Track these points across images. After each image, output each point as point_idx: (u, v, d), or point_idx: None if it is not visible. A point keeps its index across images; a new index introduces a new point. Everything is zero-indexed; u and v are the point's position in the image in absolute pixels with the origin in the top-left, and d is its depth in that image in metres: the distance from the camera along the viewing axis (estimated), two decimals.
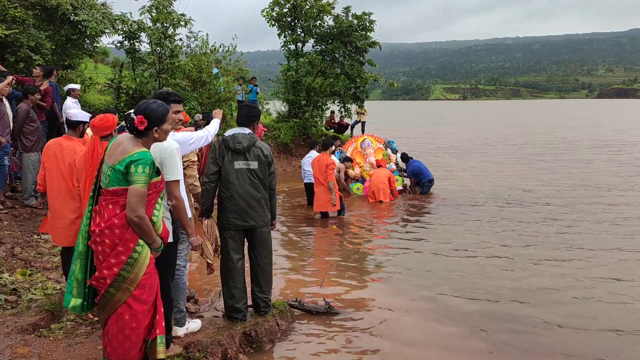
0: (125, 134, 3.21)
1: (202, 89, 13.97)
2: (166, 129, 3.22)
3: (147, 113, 3.10)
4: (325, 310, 5.00)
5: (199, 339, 3.99)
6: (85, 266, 3.19)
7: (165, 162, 3.54)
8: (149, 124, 3.10)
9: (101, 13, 10.95)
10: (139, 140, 3.12)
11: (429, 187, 11.56)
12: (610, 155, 18.85)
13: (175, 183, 3.59)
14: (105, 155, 3.17)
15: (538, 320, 4.96)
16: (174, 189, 3.58)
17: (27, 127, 7.43)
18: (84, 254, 3.19)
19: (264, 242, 4.55)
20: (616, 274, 6.28)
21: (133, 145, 3.08)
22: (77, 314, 3.77)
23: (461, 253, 7.23)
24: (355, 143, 12.58)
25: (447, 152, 20.67)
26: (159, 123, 3.15)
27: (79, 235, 3.22)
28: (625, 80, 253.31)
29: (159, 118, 3.14)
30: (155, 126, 3.13)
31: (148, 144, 3.18)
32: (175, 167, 3.59)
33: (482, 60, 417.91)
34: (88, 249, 3.18)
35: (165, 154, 3.55)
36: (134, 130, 3.10)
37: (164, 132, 3.22)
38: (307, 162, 10.15)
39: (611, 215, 9.33)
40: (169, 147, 3.59)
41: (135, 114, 3.10)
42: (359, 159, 12.22)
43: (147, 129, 3.10)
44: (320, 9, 17.57)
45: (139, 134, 3.11)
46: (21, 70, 9.54)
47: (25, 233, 6.65)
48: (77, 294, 3.19)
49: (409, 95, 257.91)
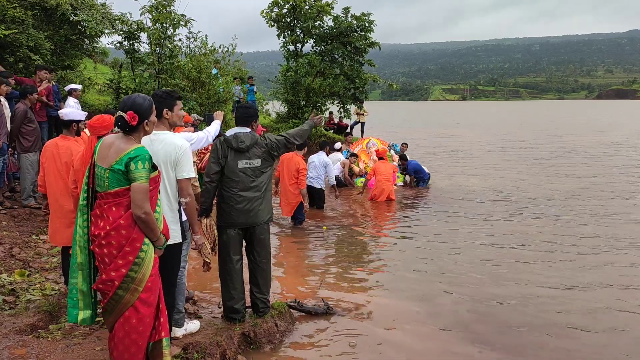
0: (111, 135, 3.21)
1: (201, 89, 13.98)
2: (153, 120, 3.24)
3: (136, 108, 3.10)
4: (324, 311, 4.99)
5: (198, 339, 3.98)
6: (89, 276, 3.15)
7: (181, 160, 3.57)
8: (139, 118, 3.10)
9: (101, 13, 10.96)
10: (130, 137, 3.12)
11: (426, 182, 12.67)
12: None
13: (188, 181, 3.62)
14: (96, 159, 3.13)
15: (540, 324, 4.96)
16: (187, 186, 3.61)
17: (25, 127, 7.41)
18: (85, 264, 3.14)
19: (262, 242, 4.55)
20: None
21: (126, 143, 3.07)
22: (88, 325, 3.69)
23: (460, 253, 7.22)
24: (362, 144, 13.85)
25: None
26: (148, 115, 3.16)
27: (74, 247, 3.15)
28: (624, 81, 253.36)
29: (147, 111, 3.15)
30: (145, 119, 3.14)
31: (139, 138, 3.18)
32: (190, 165, 3.63)
33: (482, 61, 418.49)
34: (89, 258, 3.14)
35: (181, 151, 3.58)
36: (126, 127, 3.09)
37: (152, 124, 3.24)
38: (312, 164, 9.93)
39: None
40: (183, 145, 3.62)
41: (123, 111, 3.09)
42: (364, 157, 13.44)
43: (138, 124, 3.11)
44: (319, 10, 17.56)
45: (130, 130, 3.11)
46: (20, 70, 9.54)
47: (24, 233, 6.64)
48: (84, 306, 3.15)
49: (409, 96, 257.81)
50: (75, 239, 3.15)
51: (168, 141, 3.58)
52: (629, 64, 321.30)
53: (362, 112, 20.31)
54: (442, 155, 19.45)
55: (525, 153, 20.44)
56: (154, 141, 3.53)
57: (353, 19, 17.70)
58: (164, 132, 3.65)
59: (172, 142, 3.57)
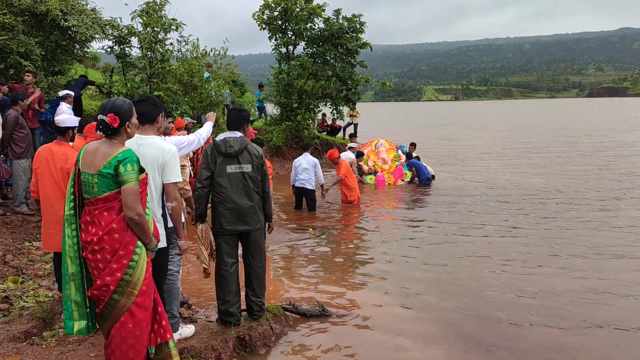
0: (94, 141, 3.21)
1: (193, 93, 13.94)
2: (135, 122, 3.23)
3: (115, 110, 3.09)
4: (319, 313, 5.00)
5: (193, 344, 3.98)
6: (82, 286, 3.12)
7: (168, 164, 3.56)
8: (120, 120, 3.09)
9: (91, 18, 10.90)
10: (115, 141, 3.11)
11: (427, 183, 13.11)
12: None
13: (175, 185, 3.61)
14: (81, 166, 3.12)
15: (541, 324, 4.98)
16: (174, 191, 3.60)
17: (17, 133, 7.39)
18: (77, 274, 3.12)
19: (257, 245, 4.55)
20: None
21: (112, 147, 3.07)
22: (84, 336, 3.66)
23: (459, 255, 7.25)
24: (371, 146, 14.57)
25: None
26: (129, 117, 3.15)
27: (64, 257, 3.12)
28: (615, 79, 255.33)
29: (127, 112, 3.14)
30: (126, 121, 3.13)
31: (123, 142, 3.17)
32: (177, 170, 3.61)
33: (473, 60, 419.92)
34: (81, 268, 3.12)
35: (168, 155, 3.56)
36: (108, 130, 3.08)
37: (134, 126, 3.23)
38: (301, 166, 10.17)
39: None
40: (170, 149, 3.61)
41: (103, 114, 3.08)
42: (373, 156, 14.28)
43: (119, 126, 3.10)
44: (310, 12, 17.58)
45: (113, 133, 3.10)
46: (11, 76, 9.49)
47: (17, 240, 6.61)
48: (79, 316, 3.13)
49: (401, 96, 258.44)
50: (65, 249, 3.12)
51: (155, 145, 3.57)
52: (620, 62, 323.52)
53: (355, 114, 20.34)
54: (445, 157, 19.42)
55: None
56: (142, 145, 3.51)
57: (344, 20, 17.73)
58: (152, 136, 3.65)
59: (159, 146, 3.56)
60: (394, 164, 14.00)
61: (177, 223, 3.71)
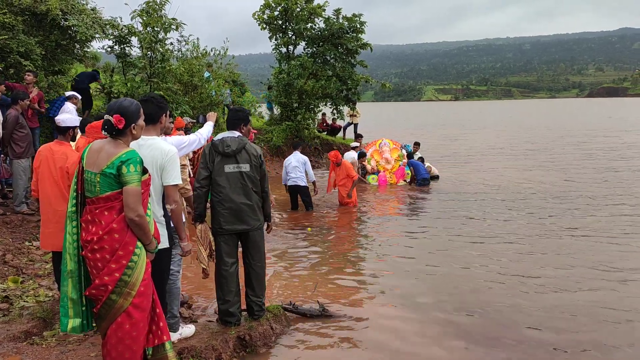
0: (100, 140, 3.20)
1: (193, 92, 13.94)
2: (141, 124, 3.21)
3: (122, 111, 3.08)
4: (319, 313, 5.00)
5: (193, 344, 3.98)
6: (79, 283, 3.12)
7: (167, 166, 3.54)
8: (126, 121, 3.08)
9: (91, 18, 10.90)
10: (119, 141, 3.10)
11: (423, 183, 13.28)
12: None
13: (175, 188, 3.60)
14: (85, 164, 3.11)
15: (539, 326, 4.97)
16: (174, 193, 3.59)
17: (17, 133, 7.39)
18: (75, 271, 3.11)
19: (256, 245, 4.55)
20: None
21: (116, 147, 3.06)
22: (77, 334, 3.64)
23: (459, 255, 7.25)
24: (375, 145, 14.78)
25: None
26: (135, 119, 3.14)
27: (64, 254, 3.12)
28: (615, 79, 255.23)
29: (134, 114, 3.13)
30: (132, 123, 3.12)
31: (127, 143, 3.16)
32: (177, 172, 3.60)
33: (473, 60, 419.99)
34: (79, 265, 3.12)
35: (167, 157, 3.55)
36: (112, 130, 3.07)
37: (140, 128, 3.22)
38: (291, 164, 10.31)
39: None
40: (170, 150, 3.59)
41: (109, 115, 3.07)
42: (377, 156, 14.48)
43: (125, 127, 3.09)
44: (311, 12, 17.58)
45: (117, 133, 3.09)
46: (11, 76, 9.49)
47: (17, 240, 6.61)
48: (75, 314, 3.12)
49: (401, 96, 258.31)
50: (65, 246, 3.13)
51: (155, 146, 3.56)
52: (620, 62, 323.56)
53: (355, 114, 20.33)
54: (446, 157, 19.40)
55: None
56: (142, 146, 3.50)
57: (344, 20, 17.73)
58: (153, 137, 3.64)
59: (159, 147, 3.55)
60: (397, 163, 14.12)
61: (178, 225, 3.71)
